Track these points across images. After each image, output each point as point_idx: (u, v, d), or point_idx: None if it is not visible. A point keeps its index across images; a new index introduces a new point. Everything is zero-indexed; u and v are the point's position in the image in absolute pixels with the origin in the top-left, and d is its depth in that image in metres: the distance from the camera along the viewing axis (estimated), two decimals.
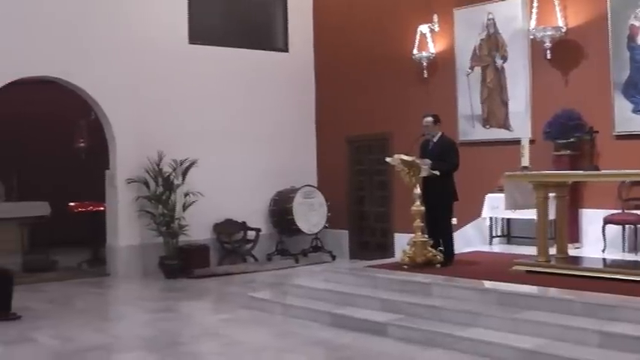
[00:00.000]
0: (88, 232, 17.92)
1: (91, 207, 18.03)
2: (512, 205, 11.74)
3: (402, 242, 12.94)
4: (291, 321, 11.15)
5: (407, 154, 11.89)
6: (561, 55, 13.83)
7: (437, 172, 11.60)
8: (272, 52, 18.38)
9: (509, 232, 14.68)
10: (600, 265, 11.37)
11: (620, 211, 12.58)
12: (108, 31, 15.92)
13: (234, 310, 12.25)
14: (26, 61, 15.02)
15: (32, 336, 10.76)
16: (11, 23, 14.94)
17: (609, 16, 13.18)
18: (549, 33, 13.75)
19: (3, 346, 10.24)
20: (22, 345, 10.35)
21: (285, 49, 18.56)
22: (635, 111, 12.81)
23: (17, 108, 19.34)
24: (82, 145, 21.37)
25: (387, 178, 16.62)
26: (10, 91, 15.37)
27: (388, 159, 12.26)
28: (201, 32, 17.29)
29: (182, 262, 15.96)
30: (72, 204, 18.29)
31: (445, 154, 11.91)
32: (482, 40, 15.09)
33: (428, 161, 11.74)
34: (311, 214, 17.56)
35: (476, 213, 14.29)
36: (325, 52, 18.55)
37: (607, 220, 12.58)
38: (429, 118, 12.09)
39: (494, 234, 14.55)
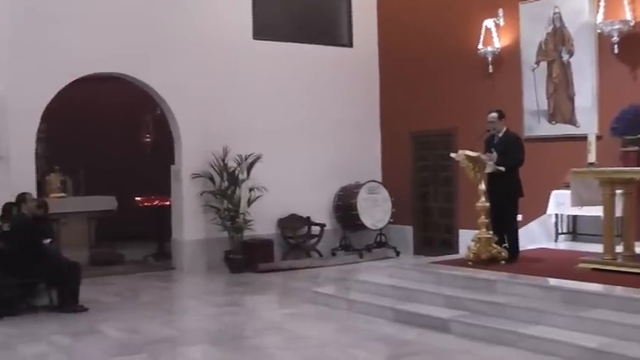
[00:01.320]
0: (154, 227, 18.11)
1: (157, 201, 18.20)
2: (578, 201, 11.58)
3: (467, 238, 12.88)
4: (355, 316, 11.17)
5: (472, 150, 11.84)
6: (629, 49, 13.59)
7: (502, 168, 11.52)
8: (336, 47, 18.38)
9: (575, 229, 14.50)
10: None
11: None
12: (173, 27, 16.07)
13: (298, 305, 12.30)
14: (93, 57, 15.21)
15: (99, 328, 10.93)
16: (79, 20, 15.17)
17: None
18: (617, 27, 13.52)
19: (71, 337, 10.42)
20: (89, 336, 10.51)
21: (350, 45, 18.54)
22: None
23: (84, 104, 19.59)
24: (147, 140, 21.61)
25: (452, 174, 16.52)
26: (78, 88, 15.57)
27: (453, 155, 12.20)
28: (265, 28, 17.36)
29: (246, 257, 16.06)
30: (138, 198, 18.48)
31: (510, 149, 11.80)
32: (548, 34, 14.91)
33: (494, 155, 11.66)
34: (375, 210, 17.54)
35: (541, 209, 14.15)
36: (389, 48, 18.50)
37: None
38: (494, 114, 12.01)
39: (559, 231, 14.40)
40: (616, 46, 13.59)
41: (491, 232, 11.71)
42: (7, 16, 14.48)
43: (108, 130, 20.79)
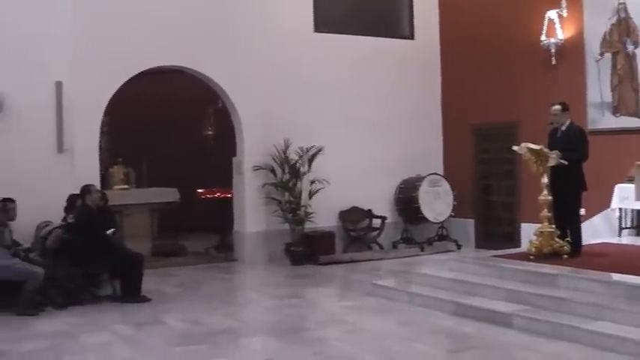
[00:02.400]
0: (216, 218, 18.23)
1: (219, 193, 18.30)
2: None
3: (529, 232, 12.77)
4: (416, 309, 11.15)
5: (534, 143, 11.73)
6: None
7: (565, 162, 11.40)
8: (398, 39, 18.32)
9: None
10: None
11: None
12: (235, 21, 16.17)
13: (359, 298, 12.32)
14: (156, 51, 15.39)
15: (162, 318, 11.06)
16: (141, 14, 15.34)
17: None
18: None
19: (134, 327, 10.55)
20: (152, 327, 10.63)
21: (411, 37, 18.48)
22: None
23: (147, 97, 19.78)
24: (209, 132, 21.74)
25: (514, 167, 16.38)
26: (141, 81, 15.76)
27: (515, 147, 12.08)
28: (326, 20, 17.38)
29: (308, 249, 16.10)
30: (200, 190, 18.61)
31: (574, 142, 11.64)
32: (612, 25, 14.72)
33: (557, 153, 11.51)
34: (437, 203, 17.47)
35: (605, 203, 13.97)
36: (451, 39, 18.40)
37: None
38: (557, 107, 11.87)
39: (623, 225, 14.20)
40: None
41: (553, 226, 11.58)
42: (71, 11, 14.67)
43: (170, 123, 20.99)
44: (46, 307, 11.81)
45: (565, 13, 15.47)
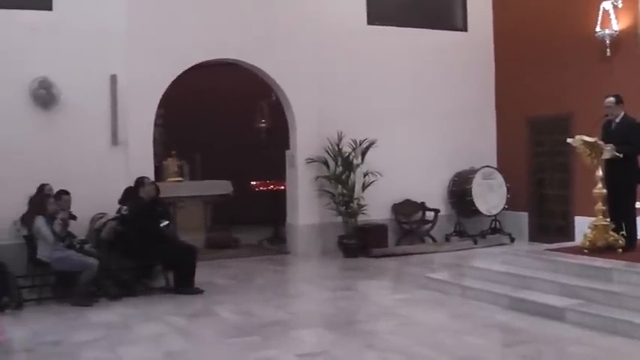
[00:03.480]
0: (269, 211, 18.30)
1: (272, 186, 18.40)
2: None
3: (583, 225, 12.61)
4: (469, 303, 11.12)
5: (589, 136, 11.62)
6: None
7: (619, 154, 11.27)
8: (451, 31, 18.24)
9: None
10: None
11: None
12: (289, 14, 16.22)
13: (412, 291, 12.31)
14: (210, 44, 15.48)
15: (214, 310, 11.15)
16: (195, 8, 15.44)
17: None
18: None
19: (187, 318, 10.67)
20: (204, 318, 10.74)
21: (464, 29, 18.38)
22: None
23: (201, 90, 19.88)
24: (262, 125, 21.80)
25: (568, 159, 16.18)
26: (194, 74, 15.85)
27: (569, 140, 11.95)
28: (379, 13, 17.36)
29: (360, 242, 16.11)
30: (253, 183, 18.70)
31: (628, 135, 11.49)
32: None
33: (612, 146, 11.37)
34: (490, 196, 17.38)
35: None
36: (505, 31, 18.26)
37: None
38: (611, 99, 11.74)
39: None
40: None
41: (608, 220, 11.46)
42: (126, 5, 14.81)
43: (224, 116, 21.07)
44: (101, 298, 11.99)
45: (620, 4, 15.25)
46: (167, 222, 12.99)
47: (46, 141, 14.10)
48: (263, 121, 21.81)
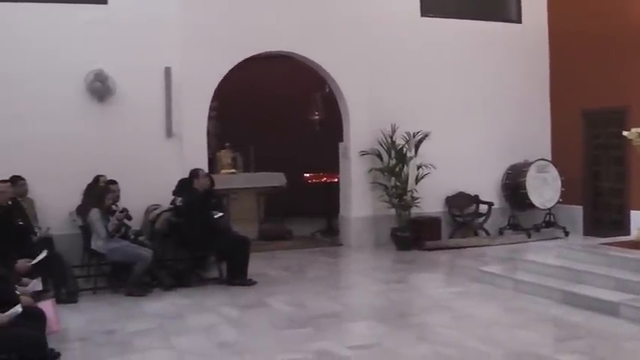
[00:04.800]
0: (322, 203, 18.32)
1: (325, 178, 18.41)
2: None
3: (639, 220, 12.51)
4: (522, 296, 11.06)
5: None
6: None
7: None
8: (505, 23, 18.08)
9: None
10: None
11: None
12: (342, 5, 16.21)
13: (465, 284, 12.27)
14: (263, 36, 15.52)
15: (267, 301, 11.20)
16: (250, 1, 15.46)
17: None
18: None
19: (239, 309, 10.74)
20: (257, 309, 10.79)
21: (518, 20, 18.21)
22: None
23: (254, 82, 19.95)
24: (316, 117, 21.79)
25: (624, 152, 15.99)
26: (248, 66, 15.90)
27: (625, 133, 11.85)
28: (433, 5, 17.27)
29: (413, 234, 16.06)
30: (306, 175, 18.72)
31: None
32: None
33: None
34: (544, 189, 17.22)
35: None
36: (559, 23, 18.06)
37: None
38: None
39: None
40: None
41: None
42: None
43: (277, 108, 21.13)
44: (155, 288, 12.14)
45: None
46: (221, 214, 13.06)
47: (101, 133, 14.29)
48: (316, 113, 21.80)
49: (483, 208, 17.36)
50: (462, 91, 17.24)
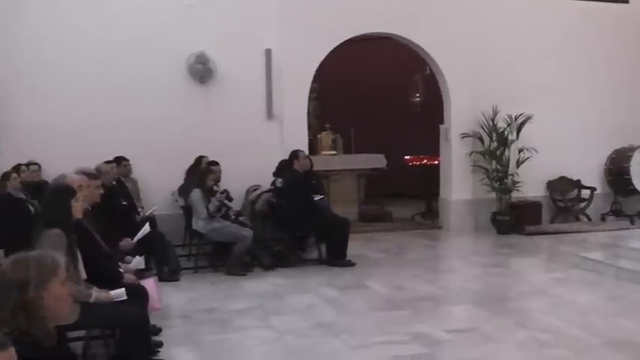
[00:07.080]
0: (422, 185, 18.29)
1: (425, 161, 18.35)
2: None
3: None
4: (623, 284, 10.89)
5: None
6: None
7: None
8: (611, 3, 17.67)
9: None
10: None
11: None
12: None
13: (565, 270, 12.13)
14: (364, 18, 15.49)
15: (365, 283, 11.27)
16: None
17: None
18: None
19: (338, 290, 10.81)
20: (355, 290, 10.84)
21: (625, 1, 17.80)
22: None
23: (354, 64, 19.97)
24: (417, 99, 21.74)
25: None
26: (348, 48, 15.93)
27: None
28: None
29: (514, 219, 15.94)
30: (407, 157, 18.69)
31: None
32: None
33: None
34: None
35: None
36: None
37: None
38: None
39: None
40: None
41: None
42: None
43: (378, 90, 21.12)
44: (255, 268, 12.29)
45: None
46: (321, 196, 13.15)
47: (202, 114, 14.52)
48: (417, 95, 21.76)
49: (585, 193, 17.11)
50: (565, 73, 16.96)
